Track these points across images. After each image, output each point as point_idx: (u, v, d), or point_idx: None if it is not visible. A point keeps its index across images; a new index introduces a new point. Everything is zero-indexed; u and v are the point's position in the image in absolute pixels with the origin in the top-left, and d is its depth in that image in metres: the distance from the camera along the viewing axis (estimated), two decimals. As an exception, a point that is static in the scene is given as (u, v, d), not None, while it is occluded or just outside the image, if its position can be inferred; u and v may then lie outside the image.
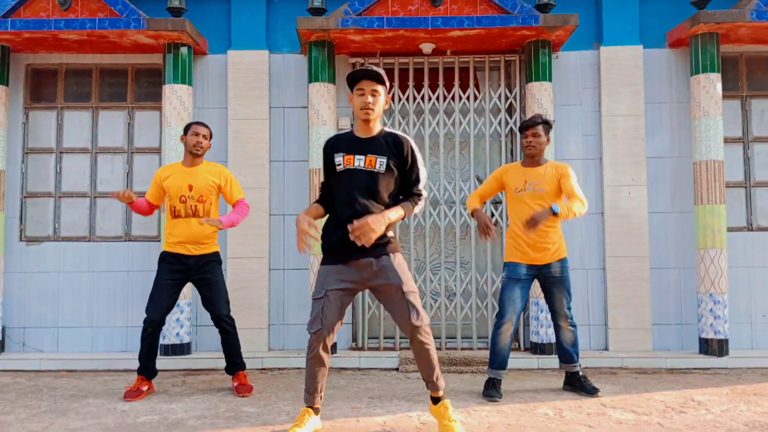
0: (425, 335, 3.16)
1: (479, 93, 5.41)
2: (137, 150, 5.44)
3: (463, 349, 5.14)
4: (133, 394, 3.99)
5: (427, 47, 5.22)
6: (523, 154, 4.11)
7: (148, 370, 4.11)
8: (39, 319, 5.27)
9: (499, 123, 5.34)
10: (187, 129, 4.23)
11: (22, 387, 4.37)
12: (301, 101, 5.36)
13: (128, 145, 5.45)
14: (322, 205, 3.30)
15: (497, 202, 5.27)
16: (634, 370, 4.80)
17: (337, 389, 4.24)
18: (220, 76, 5.38)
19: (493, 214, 5.24)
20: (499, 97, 5.36)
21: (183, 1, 5.11)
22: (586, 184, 5.25)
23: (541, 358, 4.90)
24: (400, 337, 5.21)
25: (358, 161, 3.13)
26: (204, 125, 4.25)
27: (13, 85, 5.35)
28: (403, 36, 5.02)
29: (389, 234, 3.17)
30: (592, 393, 4.00)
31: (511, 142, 5.34)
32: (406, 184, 3.25)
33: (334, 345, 5.00)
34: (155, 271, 4.20)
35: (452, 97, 5.36)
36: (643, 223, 5.18)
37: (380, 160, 3.14)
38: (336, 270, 3.16)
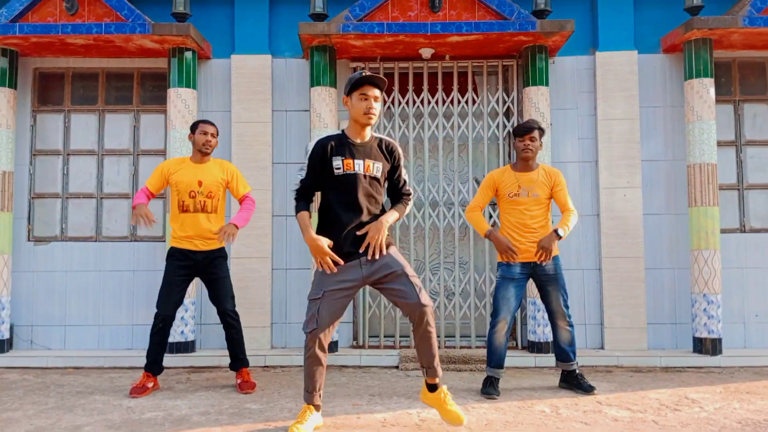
0: (432, 317, 3.17)
1: (477, 97, 5.47)
2: (143, 152, 5.52)
3: (461, 348, 5.20)
4: (139, 390, 4.03)
5: (427, 52, 5.29)
6: (516, 158, 4.17)
7: (156, 365, 4.15)
8: (46, 317, 5.33)
9: (497, 126, 5.41)
10: (194, 128, 4.26)
11: (30, 384, 4.42)
12: (303, 105, 5.43)
13: (134, 147, 5.52)
14: (307, 210, 3.29)
15: (494, 204, 5.35)
16: (630, 369, 4.86)
17: (339, 386, 4.29)
18: (223, 80, 5.45)
19: (491, 216, 5.31)
20: (497, 101, 5.43)
21: (188, 7, 5.17)
22: (583, 186, 5.35)
23: (539, 356, 4.96)
24: (400, 336, 5.29)
25: (358, 166, 3.19)
26: (211, 123, 4.30)
27: (21, 88, 5.41)
28: (403, 41, 5.09)
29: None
30: (589, 391, 4.04)
31: (509, 145, 5.39)
32: (396, 186, 3.39)
33: (336, 343, 5.08)
34: (160, 270, 4.26)
35: (451, 101, 5.42)
36: (638, 225, 5.25)
37: (376, 165, 3.24)
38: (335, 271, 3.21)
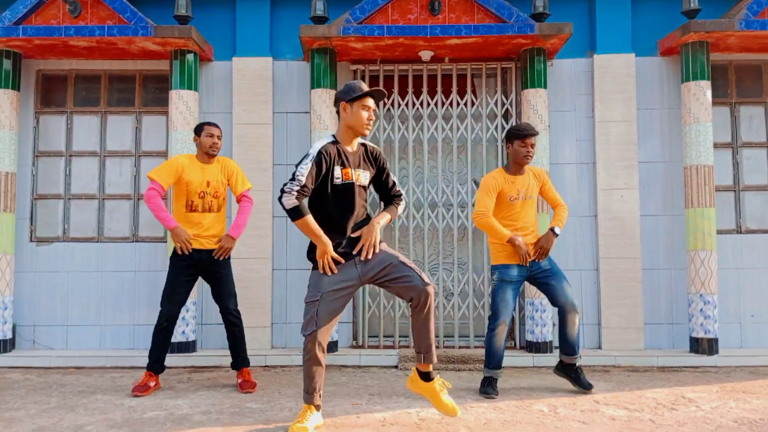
0: (433, 298, 3.24)
1: (476, 99, 5.51)
2: (144, 153, 5.55)
3: (460, 348, 5.24)
4: (141, 389, 4.06)
5: (426, 55, 5.33)
6: (511, 162, 4.15)
7: (158, 364, 4.18)
8: (49, 317, 5.36)
9: (496, 128, 5.45)
10: (199, 130, 4.28)
11: (32, 383, 4.45)
12: (304, 107, 5.46)
13: (136, 148, 5.55)
14: (310, 213, 3.25)
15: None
16: (627, 368, 4.89)
17: (338, 386, 4.31)
18: (225, 82, 5.49)
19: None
20: (496, 103, 5.47)
21: (189, 9, 5.21)
22: (580, 187, 5.39)
23: (537, 356, 5.00)
24: (400, 336, 5.33)
25: (354, 176, 3.29)
26: (216, 125, 4.33)
27: (24, 90, 5.44)
28: (402, 44, 5.12)
29: None
30: (587, 388, 4.08)
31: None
32: (386, 188, 3.47)
33: (335, 343, 5.11)
34: (162, 271, 4.31)
35: (450, 103, 5.47)
36: (636, 226, 5.29)
37: (364, 174, 3.34)
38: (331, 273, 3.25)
